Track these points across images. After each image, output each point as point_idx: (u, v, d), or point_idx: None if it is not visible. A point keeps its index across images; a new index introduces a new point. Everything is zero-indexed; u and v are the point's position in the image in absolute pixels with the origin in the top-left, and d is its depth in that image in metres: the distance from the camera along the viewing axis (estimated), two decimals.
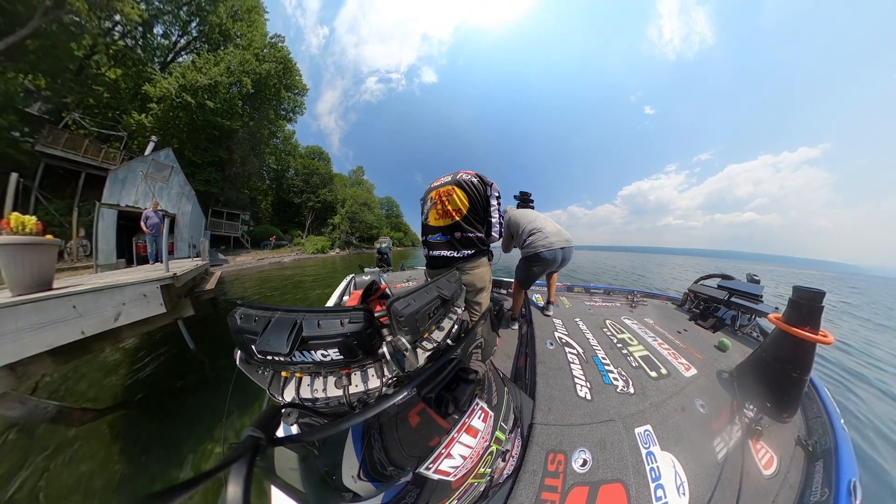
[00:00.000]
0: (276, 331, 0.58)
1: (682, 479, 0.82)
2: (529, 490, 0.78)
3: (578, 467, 0.85)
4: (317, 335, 0.59)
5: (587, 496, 0.77)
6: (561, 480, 0.81)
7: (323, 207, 33.27)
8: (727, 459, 0.90)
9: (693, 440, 0.95)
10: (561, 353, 1.49)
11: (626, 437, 0.94)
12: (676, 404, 1.12)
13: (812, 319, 1.04)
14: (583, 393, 1.16)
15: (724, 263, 27.74)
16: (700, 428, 1.01)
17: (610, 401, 1.12)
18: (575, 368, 1.34)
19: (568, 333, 1.77)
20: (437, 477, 0.63)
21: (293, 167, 31.58)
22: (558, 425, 0.99)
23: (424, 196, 1.52)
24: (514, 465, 0.84)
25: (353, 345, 0.61)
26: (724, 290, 2.04)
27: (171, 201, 12.32)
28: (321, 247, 25.89)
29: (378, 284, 1.60)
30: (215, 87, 15.72)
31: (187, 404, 2.78)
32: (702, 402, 1.14)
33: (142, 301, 2.61)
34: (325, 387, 0.66)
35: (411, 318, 0.69)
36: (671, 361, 1.45)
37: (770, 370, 1.11)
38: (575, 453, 0.89)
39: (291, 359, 0.59)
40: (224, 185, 19.35)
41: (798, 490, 0.85)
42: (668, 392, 1.19)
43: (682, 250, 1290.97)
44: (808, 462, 0.93)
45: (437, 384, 0.66)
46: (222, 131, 17.48)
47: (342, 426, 0.52)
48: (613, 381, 1.24)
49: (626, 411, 1.07)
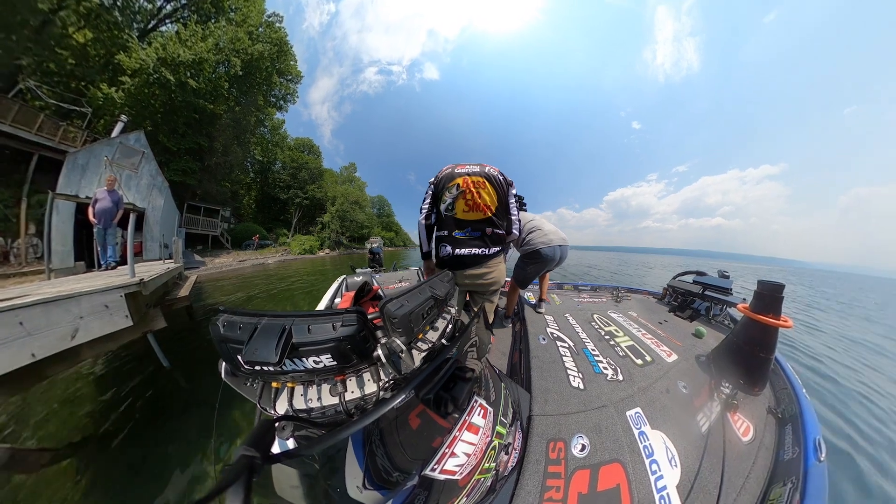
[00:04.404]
0: (264, 338, 0.57)
1: (672, 453, 0.96)
2: (535, 479, 0.87)
3: (578, 452, 0.96)
4: (308, 341, 0.59)
5: (589, 478, 0.88)
6: (563, 466, 0.91)
7: (311, 205, 32.55)
8: (710, 431, 1.07)
9: (679, 417, 1.12)
10: (553, 347, 1.64)
11: (619, 421, 1.08)
12: (662, 387, 1.28)
13: (774, 307, 1.24)
14: (576, 383, 1.30)
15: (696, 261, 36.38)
16: (684, 406, 1.19)
17: (601, 388, 1.26)
18: (567, 361, 1.49)
19: (559, 328, 1.92)
20: (444, 477, 0.66)
21: (280, 160, 30.73)
22: (555, 415, 1.11)
23: (444, 182, 1.45)
24: (517, 457, 0.92)
25: (347, 349, 0.62)
26: (699, 285, 2.33)
27: (140, 194, 11.39)
28: (309, 247, 25.40)
29: (370, 285, 1.69)
30: (200, 65, 14.88)
31: (168, 430, 2.56)
32: (684, 383, 1.33)
33: (103, 313, 2.38)
34: (320, 395, 0.67)
35: (405, 319, 0.71)
36: (654, 349, 1.64)
37: (741, 352, 1.31)
38: (573, 440, 1.00)
39: (282, 368, 0.59)
40: (202, 177, 18.36)
41: (773, 451, 1.04)
42: (653, 377, 1.36)
43: (658, 250, 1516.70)
44: (779, 427, 1.13)
45: (435, 384, 0.66)
46: (204, 115, 16.54)
47: (341, 435, 0.48)
48: (603, 371, 1.40)
49: (616, 397, 1.21)
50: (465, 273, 1.44)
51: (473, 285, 1.50)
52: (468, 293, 1.59)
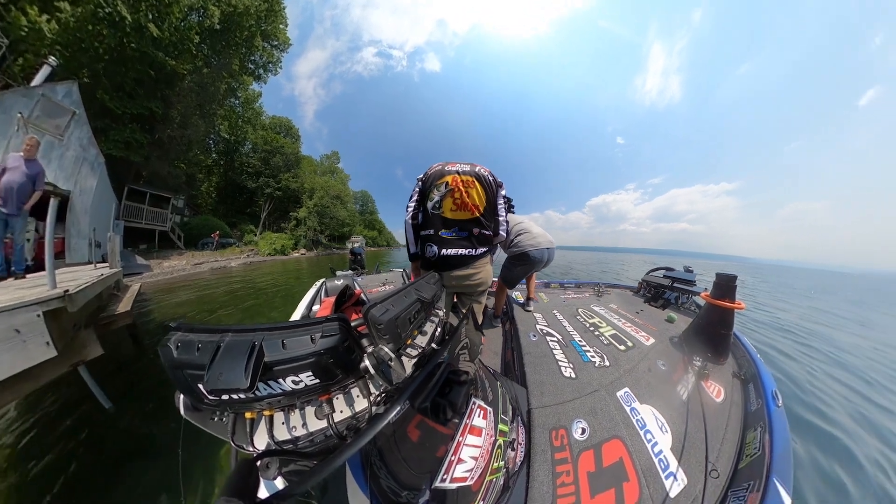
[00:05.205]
0: (229, 359, 0.49)
1: (662, 421, 1.13)
2: (544, 469, 0.95)
3: (579, 436, 1.07)
4: (283, 358, 0.53)
5: (594, 457, 0.98)
6: (569, 452, 1.01)
7: (285, 197, 29.13)
8: (689, 398, 1.27)
9: (662, 391, 1.32)
10: (543, 342, 1.81)
11: (612, 401, 1.24)
12: (644, 367, 1.51)
13: (730, 294, 1.56)
14: (568, 373, 1.45)
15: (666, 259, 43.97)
16: (665, 381, 1.40)
17: (592, 375, 1.43)
18: (557, 353, 1.65)
19: (548, 324, 2.10)
20: (456, 486, 0.65)
21: (251, 140, 26.88)
22: (553, 405, 1.22)
23: (433, 179, 1.47)
24: (524, 451, 0.98)
25: (330, 363, 0.57)
26: (668, 279, 2.69)
27: (64, 170, 8.19)
28: (281, 246, 22.58)
29: (352, 289, 1.70)
30: (168, 7, 11.94)
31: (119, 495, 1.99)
32: (662, 362, 1.57)
33: (13, 342, 1.83)
34: (305, 421, 0.62)
35: (391, 324, 0.68)
36: (634, 335, 1.89)
37: (706, 331, 1.62)
38: (573, 425, 1.11)
39: (255, 394, 0.53)
40: (151, 153, 15.07)
41: (742, 405, 1.28)
42: (635, 359, 1.58)
43: (634, 250, 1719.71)
44: (743, 386, 1.38)
45: (430, 391, 0.64)
46: (162, 73, 13.39)
47: (337, 462, 0.44)
48: (591, 359, 1.59)
49: (606, 381, 1.38)
50: (451, 274, 1.47)
51: (461, 286, 1.54)
52: (456, 295, 1.66)
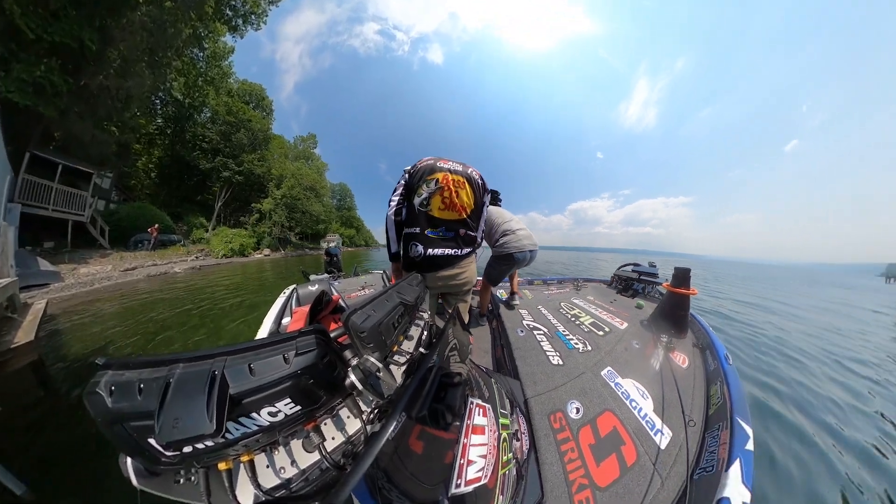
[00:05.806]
0: (184, 399, 0.39)
1: (642, 390, 1.32)
2: (551, 451, 1.04)
3: (575, 415, 1.19)
4: (253, 387, 0.44)
5: (592, 431, 1.12)
6: (569, 431, 1.12)
7: (246, 183, 23.98)
8: (661, 368, 1.48)
9: (638, 365, 1.54)
10: (531, 336, 1.97)
11: (598, 380, 1.41)
12: (621, 348, 1.73)
13: (685, 283, 1.86)
14: (555, 361, 1.60)
15: (634, 257, 55.97)
16: (640, 357, 1.63)
17: (577, 360, 1.61)
18: (545, 345, 1.81)
19: (534, 319, 2.29)
20: (472, 487, 0.65)
21: (212, 107, 21.33)
22: (547, 392, 1.34)
23: (422, 174, 1.42)
24: (528, 440, 1.05)
25: (311, 385, 0.50)
26: (636, 273, 3.10)
27: None
28: (239, 246, 18.45)
29: (329, 295, 1.60)
30: None
31: None
32: (636, 341, 1.80)
33: None
34: (293, 458, 0.56)
35: (375, 331, 0.66)
36: (610, 322, 2.13)
37: (669, 314, 1.90)
38: (568, 406, 1.24)
39: (226, 437, 0.43)
40: (71, 106, 10.16)
41: (703, 367, 1.52)
42: (613, 342, 1.80)
43: (607, 249, 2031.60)
44: (702, 353, 1.65)
45: (426, 398, 0.60)
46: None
47: (342, 497, 0.38)
48: (575, 346, 1.77)
49: (590, 363, 1.56)
50: (437, 275, 1.48)
51: (446, 286, 1.56)
52: (440, 295, 1.70)
